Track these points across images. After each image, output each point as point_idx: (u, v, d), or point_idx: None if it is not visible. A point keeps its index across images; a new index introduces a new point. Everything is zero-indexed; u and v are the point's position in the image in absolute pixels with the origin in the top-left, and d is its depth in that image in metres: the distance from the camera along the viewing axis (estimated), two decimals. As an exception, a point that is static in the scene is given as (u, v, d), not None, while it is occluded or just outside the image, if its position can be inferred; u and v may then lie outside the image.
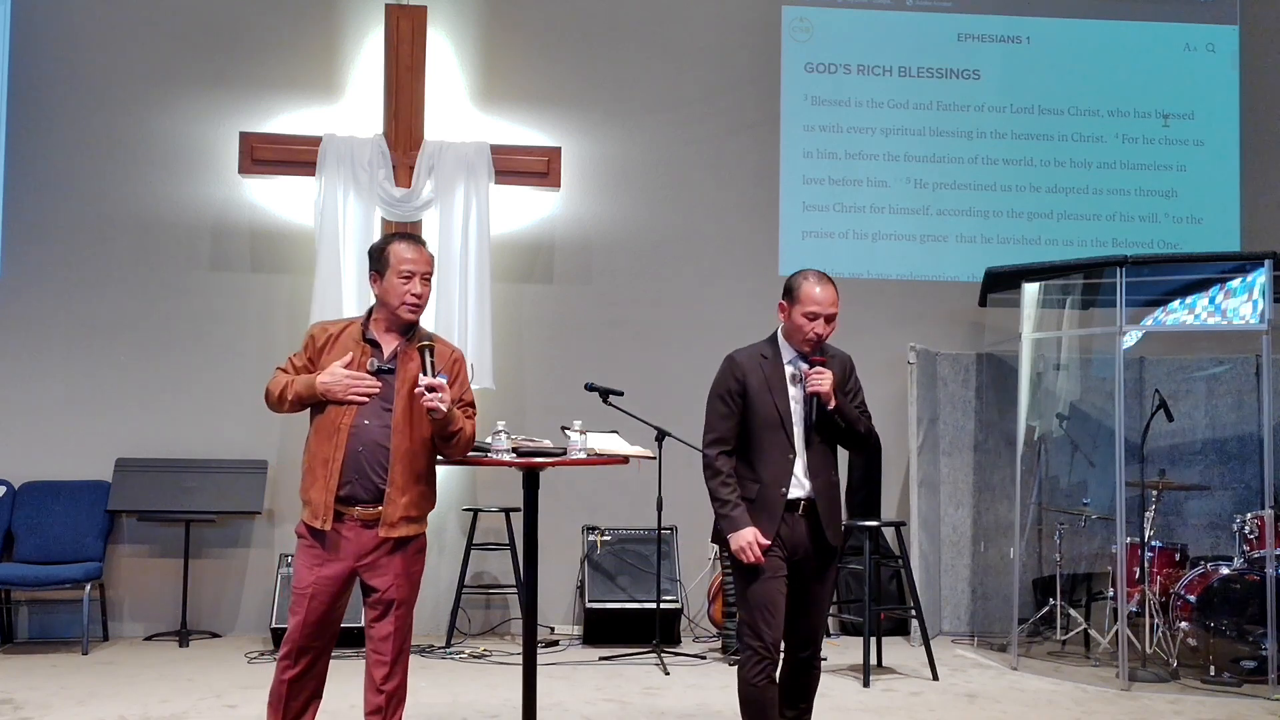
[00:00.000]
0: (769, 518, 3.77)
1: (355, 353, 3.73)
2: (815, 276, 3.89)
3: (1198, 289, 6.59)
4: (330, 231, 6.91)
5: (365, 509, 3.69)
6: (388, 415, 3.70)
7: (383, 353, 3.77)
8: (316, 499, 3.70)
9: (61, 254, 7.15)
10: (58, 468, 6.94)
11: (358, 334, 3.79)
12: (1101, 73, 8.03)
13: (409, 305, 3.75)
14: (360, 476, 3.68)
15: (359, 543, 3.70)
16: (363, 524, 3.69)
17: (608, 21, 7.67)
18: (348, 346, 3.75)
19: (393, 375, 3.74)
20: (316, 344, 3.80)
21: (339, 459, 3.67)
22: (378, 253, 3.82)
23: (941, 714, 5.29)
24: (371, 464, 3.68)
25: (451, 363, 3.81)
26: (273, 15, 7.39)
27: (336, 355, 3.74)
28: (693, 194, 7.62)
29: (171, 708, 5.21)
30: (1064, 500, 7.16)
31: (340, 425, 3.69)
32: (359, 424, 3.69)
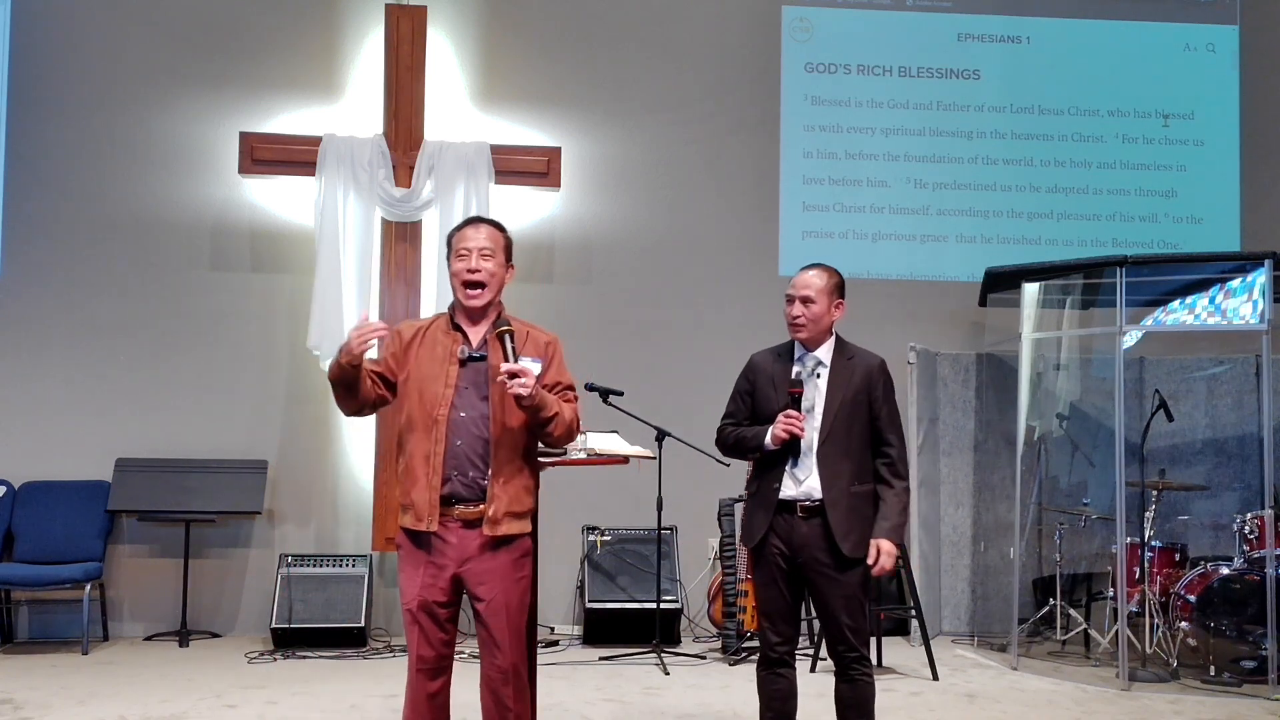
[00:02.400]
0: (764, 512, 3.79)
1: (445, 343, 3.55)
2: (809, 266, 3.93)
3: (1198, 289, 6.59)
4: (330, 231, 6.91)
5: (467, 508, 3.48)
6: (484, 405, 3.50)
7: (471, 341, 3.58)
8: (420, 499, 3.48)
9: (61, 254, 7.15)
10: (58, 468, 6.94)
11: (445, 324, 3.61)
12: (1101, 73, 8.03)
13: (463, 283, 3.55)
14: (460, 472, 3.47)
15: (462, 547, 3.49)
16: (464, 524, 3.48)
17: (608, 21, 7.67)
18: (437, 338, 3.57)
19: (484, 362, 3.53)
20: (404, 338, 3.60)
21: (440, 453, 3.46)
22: (446, 242, 3.71)
23: (941, 714, 5.29)
24: (472, 457, 3.47)
25: (544, 347, 3.62)
26: (273, 15, 7.39)
27: (427, 348, 3.56)
28: (693, 194, 7.62)
29: (171, 708, 5.20)
30: (1064, 500, 7.16)
31: (437, 418, 3.48)
32: (455, 416, 3.47)
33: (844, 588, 3.75)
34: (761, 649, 3.92)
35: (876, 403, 3.81)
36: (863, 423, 3.78)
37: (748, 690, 5.57)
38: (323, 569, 6.74)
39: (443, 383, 3.51)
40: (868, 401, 3.79)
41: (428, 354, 3.56)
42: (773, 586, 3.82)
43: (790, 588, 3.82)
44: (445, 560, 3.50)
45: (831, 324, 3.87)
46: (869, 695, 3.81)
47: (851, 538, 3.72)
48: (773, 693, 3.89)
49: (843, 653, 3.79)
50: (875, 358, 3.88)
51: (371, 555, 6.93)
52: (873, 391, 3.80)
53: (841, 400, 3.77)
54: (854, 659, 3.78)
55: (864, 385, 3.80)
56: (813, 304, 3.81)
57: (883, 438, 3.81)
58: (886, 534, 3.74)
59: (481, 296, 3.58)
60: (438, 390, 3.50)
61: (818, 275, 3.85)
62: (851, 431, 3.76)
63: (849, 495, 3.75)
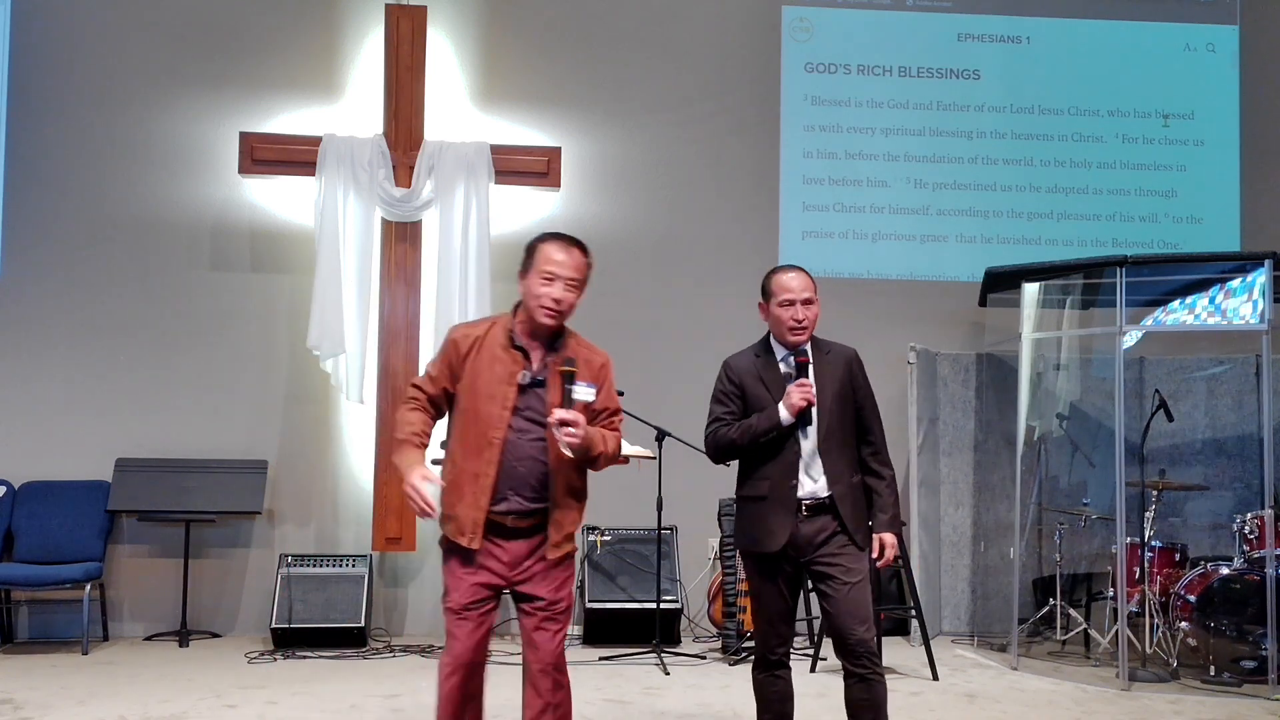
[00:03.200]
0: (784, 512, 3.69)
1: (506, 362, 3.49)
2: (785, 268, 3.93)
3: (1198, 289, 6.58)
4: (330, 231, 6.90)
5: (520, 520, 3.47)
6: (541, 429, 3.45)
7: (531, 362, 3.52)
8: (464, 516, 3.44)
9: (61, 254, 7.15)
10: (58, 468, 6.94)
11: (504, 340, 3.52)
12: (1101, 73, 8.03)
13: (546, 310, 3.49)
14: (518, 492, 3.46)
15: (513, 553, 3.48)
16: (509, 535, 3.47)
17: (608, 21, 7.67)
18: (495, 354, 3.49)
19: (543, 388, 3.49)
20: (460, 350, 3.51)
21: (491, 474, 3.42)
22: (529, 250, 3.60)
23: (941, 714, 5.29)
24: (531, 480, 3.46)
25: (598, 370, 3.56)
26: (273, 15, 7.39)
27: (485, 363, 3.48)
28: (693, 194, 7.62)
29: (171, 708, 5.20)
30: (1064, 500, 7.15)
31: (491, 440, 3.43)
32: (511, 438, 3.44)
33: (853, 576, 3.71)
34: (759, 651, 3.89)
35: (859, 393, 3.84)
36: (851, 414, 3.81)
37: (748, 690, 5.55)
38: (323, 569, 6.74)
39: (500, 404, 3.46)
40: (852, 392, 3.82)
41: (486, 369, 3.50)
42: (775, 588, 3.78)
43: (790, 589, 3.80)
44: (495, 568, 3.49)
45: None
46: (883, 695, 3.71)
47: (861, 530, 3.74)
48: (772, 694, 3.87)
49: (853, 646, 3.68)
50: (849, 349, 3.91)
51: (371, 555, 6.93)
52: (854, 382, 3.84)
53: (831, 395, 3.77)
54: (865, 653, 3.69)
55: (846, 378, 3.82)
56: (813, 305, 3.82)
57: (867, 427, 3.84)
58: (887, 526, 3.76)
59: (557, 323, 3.55)
60: (494, 411, 3.46)
61: (806, 277, 3.86)
62: (844, 424, 3.78)
63: (852, 488, 3.76)
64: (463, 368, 3.52)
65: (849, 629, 3.68)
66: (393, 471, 6.79)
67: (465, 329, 3.60)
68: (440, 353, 3.60)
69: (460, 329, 3.62)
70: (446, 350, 3.57)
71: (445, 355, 3.57)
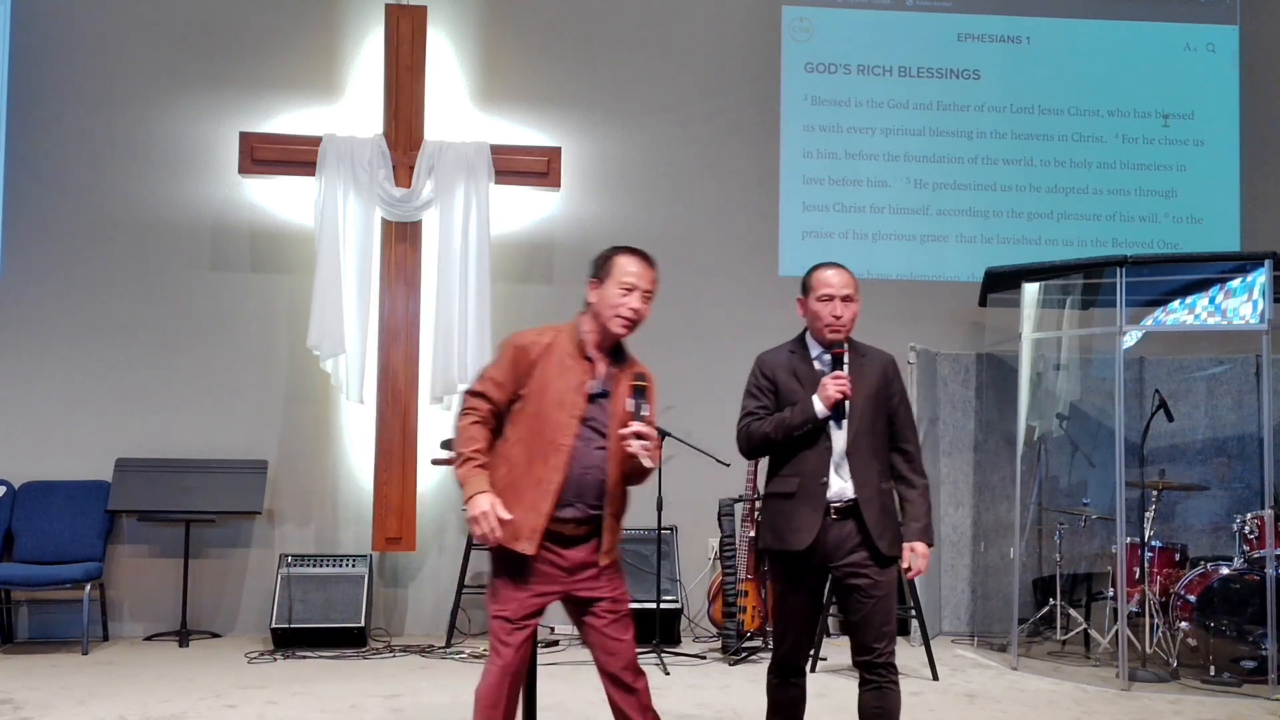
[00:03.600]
0: (812, 510, 3.62)
1: (575, 371, 3.51)
2: (826, 264, 3.79)
3: (1198, 289, 6.59)
4: (330, 231, 6.90)
5: (577, 528, 3.49)
6: (602, 439, 3.50)
7: (597, 373, 3.56)
8: (522, 520, 3.42)
9: (61, 254, 7.15)
10: (58, 468, 6.94)
11: (572, 349, 3.55)
12: (1101, 73, 8.03)
13: (622, 319, 3.54)
14: (580, 499, 3.48)
15: (571, 560, 3.49)
16: (572, 541, 3.49)
17: (608, 21, 7.67)
18: (565, 362, 3.51)
19: (607, 400, 3.54)
20: (529, 356, 3.53)
21: (557, 480, 3.43)
22: (602, 261, 3.62)
23: (941, 714, 5.29)
24: (591, 487, 3.48)
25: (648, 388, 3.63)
26: (273, 15, 7.39)
27: (554, 370, 3.50)
28: (693, 194, 7.62)
29: (171, 708, 5.20)
30: (1064, 500, 7.15)
31: (561, 445, 3.45)
32: (579, 447, 3.46)
33: (879, 589, 3.63)
34: (777, 655, 3.79)
35: (894, 398, 3.75)
36: (884, 419, 3.71)
37: (747, 690, 5.58)
38: (323, 569, 6.74)
39: (569, 411, 3.48)
40: (886, 396, 3.73)
41: (556, 376, 3.51)
42: (800, 592, 3.69)
43: (815, 594, 3.73)
44: (556, 575, 3.50)
45: None
46: (896, 705, 3.65)
47: (887, 537, 3.63)
48: (785, 700, 3.80)
49: (873, 659, 3.63)
50: (886, 354, 3.82)
51: (371, 555, 6.93)
52: (890, 387, 3.74)
53: (864, 398, 3.67)
54: (883, 665, 3.63)
55: (881, 382, 3.73)
56: (853, 302, 3.73)
57: (901, 434, 3.75)
58: (919, 535, 3.67)
59: (629, 334, 3.60)
60: (563, 418, 3.47)
61: (847, 273, 3.75)
62: (875, 429, 3.69)
63: (880, 494, 3.66)
64: (530, 374, 3.52)
65: (870, 644, 3.63)
66: (393, 471, 6.88)
67: (530, 336, 3.60)
68: (503, 359, 3.58)
69: (525, 336, 3.61)
70: (513, 356, 3.56)
71: (511, 361, 3.55)
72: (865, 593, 3.62)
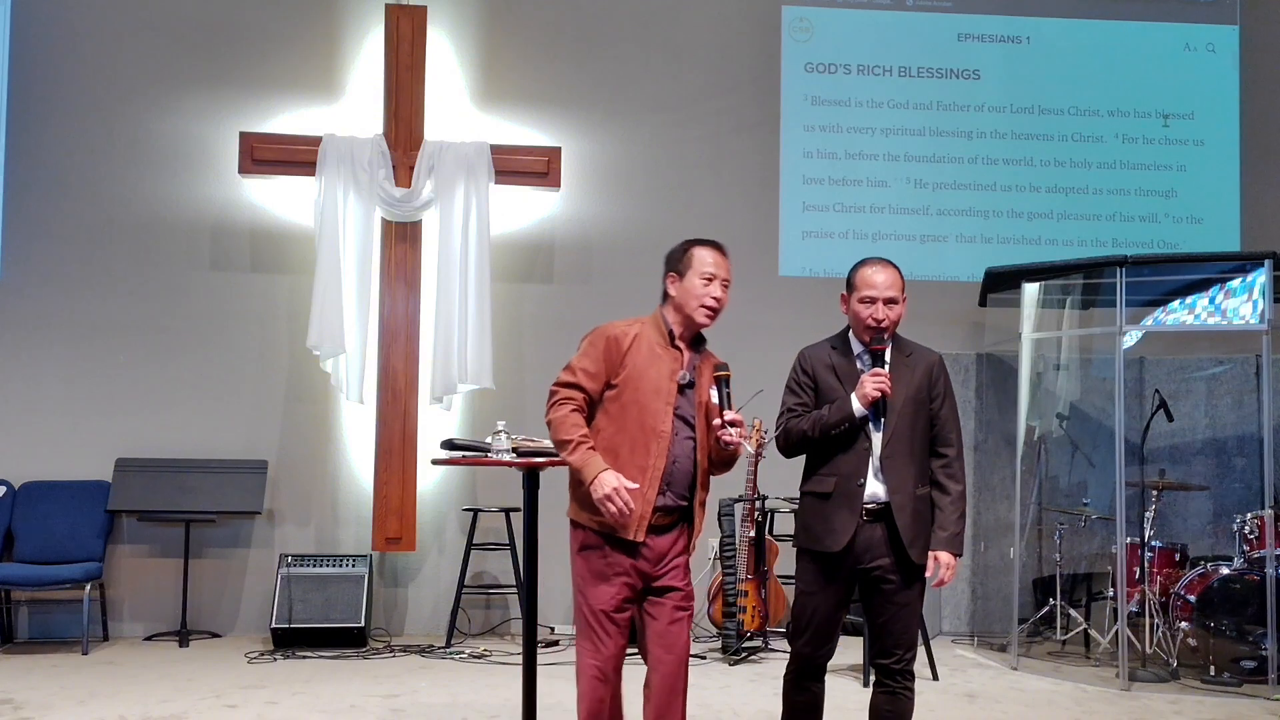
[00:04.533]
0: (849, 511, 3.55)
1: (666, 360, 3.56)
2: (873, 261, 3.69)
3: (1198, 289, 6.59)
4: (330, 231, 6.90)
5: (665, 516, 3.54)
6: (691, 429, 3.56)
7: (684, 362, 3.61)
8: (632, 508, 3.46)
9: (61, 254, 7.15)
10: (58, 468, 6.94)
11: (660, 339, 3.60)
12: (1101, 73, 8.03)
13: (706, 309, 3.59)
14: (672, 488, 3.53)
15: (658, 549, 3.54)
16: (659, 531, 3.53)
17: (608, 21, 7.67)
18: (655, 351, 3.56)
19: (692, 390, 3.59)
20: (621, 346, 3.56)
21: (661, 467, 3.48)
22: (679, 254, 3.66)
23: (941, 714, 5.29)
24: (683, 475, 3.55)
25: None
26: (273, 15, 7.39)
27: (646, 359, 3.54)
28: (693, 194, 7.62)
29: (171, 708, 5.20)
30: (1064, 500, 7.16)
31: (661, 433, 3.50)
32: (673, 435, 3.53)
33: (905, 596, 3.57)
34: (796, 659, 3.70)
35: (936, 400, 3.64)
36: (924, 422, 3.62)
37: (747, 690, 5.58)
38: (323, 569, 6.74)
39: (664, 400, 3.53)
40: (928, 399, 3.63)
41: (649, 365, 3.55)
42: (828, 593, 3.62)
43: (843, 597, 3.65)
44: (644, 564, 3.53)
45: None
46: (909, 710, 3.61)
47: (919, 544, 3.55)
48: (802, 703, 3.73)
49: (891, 664, 3.59)
50: (933, 354, 3.73)
51: (371, 555, 6.93)
52: (933, 389, 3.65)
53: (904, 399, 3.59)
54: (900, 671, 3.59)
55: (924, 383, 3.63)
56: (896, 305, 3.63)
57: (941, 437, 3.64)
58: (945, 545, 3.56)
59: (712, 323, 3.64)
60: (659, 406, 3.52)
61: (893, 274, 3.65)
62: (915, 431, 3.60)
63: (914, 499, 3.56)
64: (622, 363, 3.56)
65: (890, 649, 3.60)
66: (393, 471, 6.87)
67: (620, 326, 3.63)
68: (594, 349, 3.59)
69: (615, 326, 3.64)
70: (604, 346, 3.59)
71: (604, 351, 3.58)
72: (889, 599, 3.58)
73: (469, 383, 6.93)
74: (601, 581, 3.52)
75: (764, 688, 5.60)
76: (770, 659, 6.31)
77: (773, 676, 5.52)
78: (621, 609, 3.53)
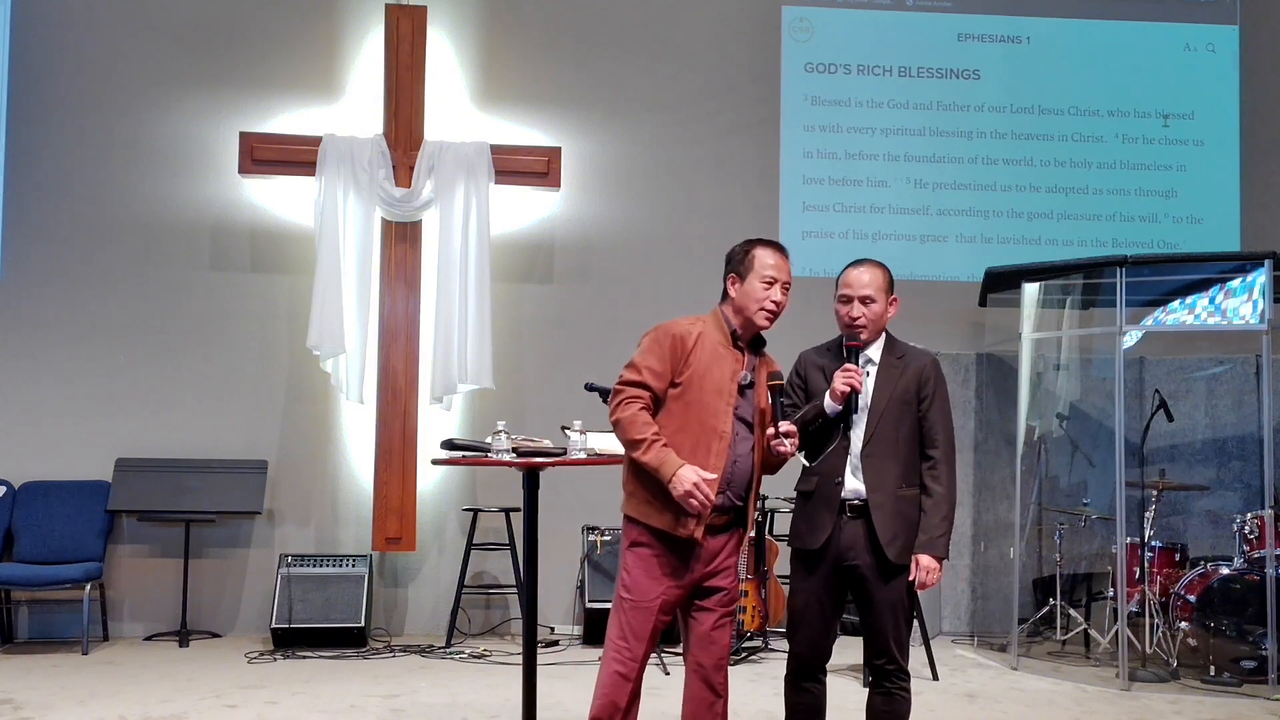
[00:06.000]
0: (827, 509, 3.60)
1: (728, 360, 3.56)
2: (859, 262, 3.74)
3: (1198, 289, 6.59)
4: (330, 231, 6.90)
5: (720, 516, 3.55)
6: (749, 431, 3.58)
7: (745, 363, 3.62)
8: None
9: (61, 254, 7.15)
10: (58, 468, 6.94)
11: (723, 339, 3.60)
12: (1101, 73, 8.03)
13: (767, 312, 3.58)
14: (730, 488, 3.54)
15: (710, 549, 3.55)
16: (713, 532, 3.55)
17: (608, 21, 7.67)
18: (718, 351, 3.57)
19: (751, 391, 3.60)
20: (686, 345, 3.56)
21: (721, 466, 3.49)
22: (740, 255, 3.65)
23: (941, 714, 5.29)
24: (742, 476, 3.56)
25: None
26: (273, 15, 7.39)
27: (709, 358, 3.54)
28: (693, 194, 7.62)
29: (171, 708, 5.20)
30: (1064, 500, 7.16)
31: (722, 432, 3.51)
32: (733, 435, 3.54)
33: (886, 594, 3.60)
34: (793, 659, 3.72)
35: (925, 402, 3.66)
36: (911, 423, 3.64)
37: (747, 690, 5.58)
38: (323, 569, 6.74)
39: (725, 399, 3.54)
40: (916, 401, 3.65)
41: (712, 364, 3.55)
42: (814, 591, 3.65)
43: (831, 596, 3.66)
44: (696, 565, 3.55)
45: (886, 323, 3.73)
46: (904, 711, 3.63)
47: (898, 543, 3.57)
48: (798, 705, 3.74)
49: (882, 664, 3.63)
50: (927, 356, 3.74)
51: (371, 555, 6.93)
52: (922, 390, 3.66)
53: (889, 399, 3.62)
54: (893, 671, 3.62)
55: (913, 384, 3.65)
56: (873, 303, 3.66)
57: (928, 439, 3.66)
58: (925, 547, 3.59)
59: (772, 324, 3.64)
60: (721, 405, 3.53)
61: (872, 273, 3.69)
62: (899, 432, 3.62)
63: (895, 498, 3.59)
64: (686, 362, 3.56)
65: (880, 648, 3.64)
66: (393, 471, 6.87)
67: (684, 325, 3.63)
68: (658, 347, 3.59)
69: (678, 325, 3.63)
70: (669, 344, 3.58)
71: (669, 349, 3.57)
72: (871, 597, 3.61)
73: (469, 383, 6.93)
74: (648, 579, 3.53)
75: (764, 688, 5.60)
76: (770, 659, 6.31)
77: (773, 677, 5.53)
78: (665, 610, 3.54)
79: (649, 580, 3.52)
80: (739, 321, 3.63)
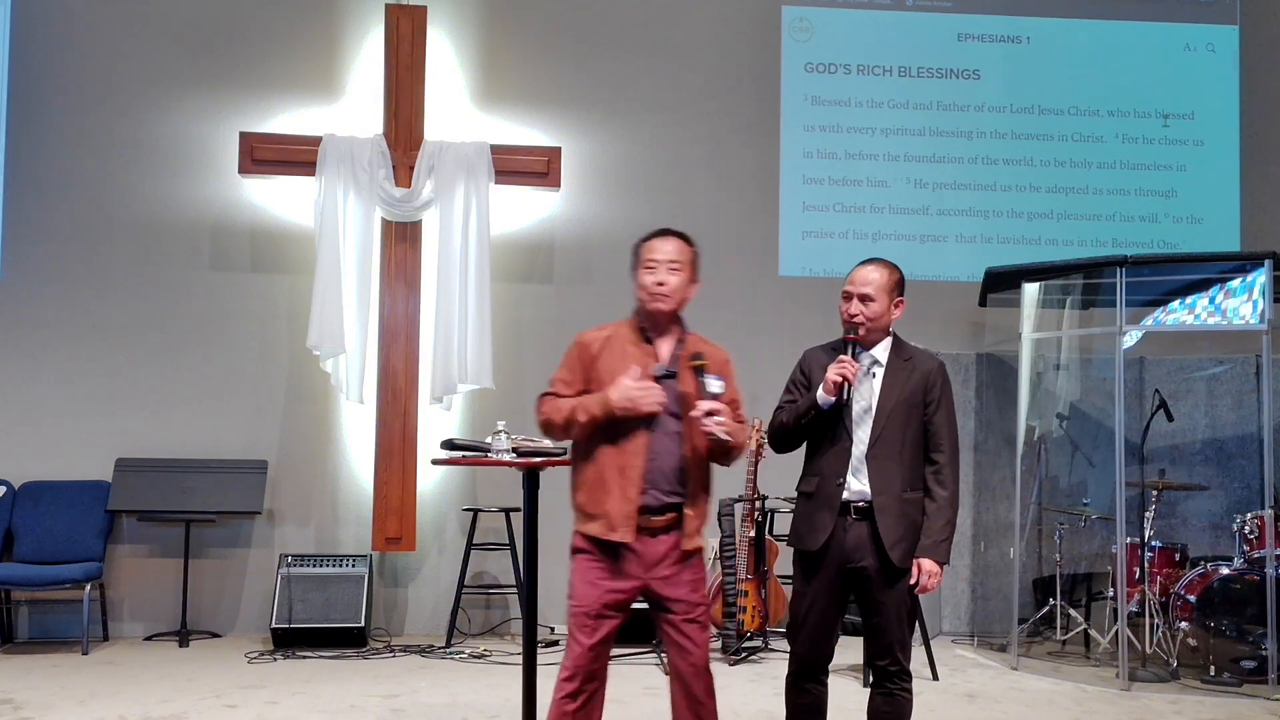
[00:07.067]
0: (828, 510, 3.59)
1: (637, 355, 3.56)
2: (866, 261, 3.74)
3: (1198, 289, 6.59)
4: (330, 231, 6.90)
5: (655, 518, 3.52)
6: (676, 422, 3.53)
7: (659, 355, 3.62)
8: (615, 509, 3.48)
9: (61, 254, 7.15)
10: (58, 468, 6.94)
11: (633, 336, 3.62)
12: (1101, 73, 8.03)
13: (649, 293, 3.59)
14: (654, 485, 3.51)
15: (649, 554, 3.52)
16: (651, 534, 3.52)
17: (608, 21, 7.67)
18: (626, 349, 3.58)
19: (675, 380, 3.57)
20: (591, 351, 3.60)
21: (639, 465, 3.48)
22: (634, 251, 3.70)
23: (941, 714, 5.29)
24: (667, 472, 3.52)
25: (722, 364, 3.65)
26: (273, 15, 7.39)
27: (616, 359, 3.56)
28: (693, 194, 7.62)
29: (171, 708, 5.21)
30: (1064, 500, 7.16)
31: (637, 429, 3.50)
32: (653, 432, 3.51)
33: (890, 596, 3.59)
34: (795, 659, 3.71)
35: (931, 405, 3.64)
36: (916, 427, 3.63)
37: (747, 690, 5.58)
38: (323, 569, 6.74)
39: None
40: (922, 404, 3.64)
41: (619, 363, 3.55)
42: (816, 592, 3.64)
43: (833, 597, 3.65)
44: (633, 569, 3.53)
45: (890, 323, 3.70)
46: (906, 711, 3.63)
47: (901, 546, 3.57)
48: (803, 705, 3.72)
49: (885, 666, 3.62)
50: (934, 360, 3.74)
51: (371, 555, 6.93)
52: (928, 394, 3.65)
53: (895, 402, 3.61)
54: (895, 673, 3.62)
55: (920, 388, 3.64)
56: (872, 302, 3.64)
57: (933, 443, 3.65)
58: (928, 552, 3.58)
59: (667, 306, 3.63)
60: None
61: (877, 271, 3.68)
62: (905, 435, 3.61)
63: (899, 501, 3.58)
64: (594, 367, 3.59)
65: (881, 649, 3.63)
66: (393, 471, 6.88)
67: (591, 333, 3.67)
68: (568, 358, 3.66)
69: (585, 334, 3.67)
70: (575, 354, 3.64)
71: (577, 358, 3.63)
72: (874, 599, 3.61)
73: (469, 383, 6.93)
74: (584, 584, 3.54)
75: (764, 688, 5.60)
76: (770, 659, 6.31)
77: (773, 676, 5.54)
78: (602, 614, 3.52)
79: (585, 586, 3.54)
80: (643, 314, 3.65)
